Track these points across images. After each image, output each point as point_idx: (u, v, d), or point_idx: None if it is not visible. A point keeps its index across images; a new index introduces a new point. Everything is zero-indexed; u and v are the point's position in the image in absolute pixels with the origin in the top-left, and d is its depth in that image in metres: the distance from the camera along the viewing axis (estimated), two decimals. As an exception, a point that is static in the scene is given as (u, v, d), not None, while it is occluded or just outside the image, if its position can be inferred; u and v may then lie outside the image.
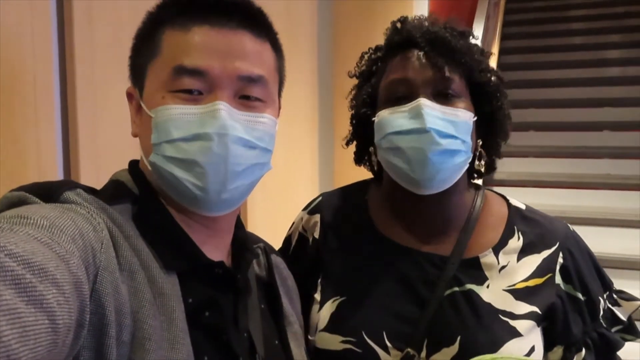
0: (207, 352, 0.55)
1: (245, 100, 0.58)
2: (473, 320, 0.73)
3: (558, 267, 0.78)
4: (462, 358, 0.70)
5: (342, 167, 0.80)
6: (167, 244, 0.56)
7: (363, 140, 0.85)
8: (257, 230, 0.77)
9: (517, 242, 0.79)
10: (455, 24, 0.81)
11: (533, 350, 0.74)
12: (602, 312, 0.79)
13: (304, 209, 0.90)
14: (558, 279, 0.78)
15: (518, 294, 0.76)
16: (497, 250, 0.78)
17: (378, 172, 0.86)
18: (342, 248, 0.82)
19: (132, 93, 0.62)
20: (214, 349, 0.56)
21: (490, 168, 0.84)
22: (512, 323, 0.74)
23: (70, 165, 0.83)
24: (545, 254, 0.78)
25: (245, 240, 0.67)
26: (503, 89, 0.80)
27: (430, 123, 0.71)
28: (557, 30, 4.63)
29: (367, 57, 0.85)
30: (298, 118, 1.66)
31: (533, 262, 0.78)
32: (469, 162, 0.78)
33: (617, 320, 0.81)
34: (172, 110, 0.55)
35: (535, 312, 0.75)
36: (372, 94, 0.81)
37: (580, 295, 0.78)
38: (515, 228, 0.80)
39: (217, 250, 0.61)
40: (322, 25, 1.79)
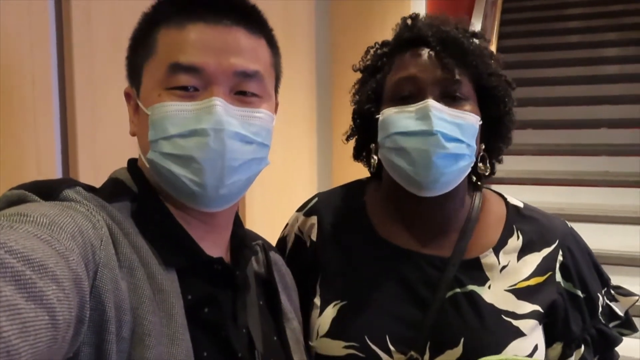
0: (206, 348, 0.55)
1: (241, 96, 0.58)
2: (476, 322, 0.73)
3: (558, 264, 0.78)
4: None
5: (340, 165, 0.80)
6: (166, 241, 0.56)
7: (364, 137, 0.83)
8: (255, 229, 0.77)
9: (516, 241, 0.79)
10: (466, 25, 0.79)
11: (536, 349, 0.74)
12: (600, 308, 0.79)
13: (299, 210, 0.88)
14: (558, 277, 0.78)
15: (520, 294, 0.75)
16: (497, 250, 0.78)
17: (377, 170, 0.85)
18: (341, 251, 0.81)
19: (129, 93, 0.62)
20: (213, 345, 0.56)
21: (490, 172, 0.83)
22: (515, 323, 0.73)
23: (69, 165, 0.83)
24: (545, 252, 0.78)
25: (244, 237, 0.67)
26: (511, 94, 0.79)
27: (438, 126, 0.70)
28: (554, 29, 4.63)
29: (372, 51, 0.83)
30: (296, 117, 1.66)
31: (533, 260, 0.78)
32: (472, 164, 0.76)
33: (614, 316, 0.81)
34: (168, 107, 0.55)
35: (538, 310, 0.75)
36: (377, 90, 0.78)
37: (580, 293, 0.78)
38: (514, 227, 0.80)
39: (215, 247, 0.62)
40: (319, 25, 1.78)
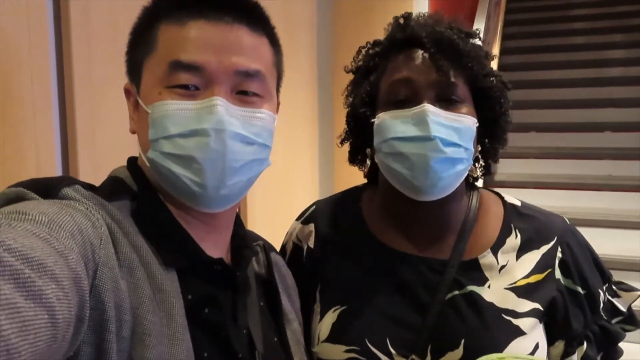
0: (206, 348, 0.55)
1: (243, 96, 0.57)
2: (476, 322, 0.73)
3: (557, 261, 0.78)
4: None
5: (342, 165, 0.80)
6: (166, 241, 0.56)
7: (359, 140, 0.82)
8: (256, 229, 0.76)
9: (514, 240, 0.79)
10: (461, 24, 0.78)
11: (537, 348, 0.74)
12: (602, 304, 0.79)
13: (298, 219, 0.88)
14: (558, 274, 0.77)
15: (519, 292, 0.75)
16: (495, 250, 0.78)
17: (373, 174, 0.84)
18: (339, 257, 0.81)
19: (129, 89, 0.61)
20: (213, 345, 0.56)
21: (486, 172, 0.82)
22: (515, 322, 0.73)
23: (69, 164, 0.83)
24: (544, 250, 0.78)
25: (245, 238, 0.67)
26: (506, 95, 0.78)
27: (435, 131, 0.69)
28: (558, 30, 4.61)
29: (364, 52, 0.82)
30: (297, 117, 1.65)
31: (532, 258, 0.77)
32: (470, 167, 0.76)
33: (617, 312, 0.80)
34: (168, 106, 0.55)
35: (537, 308, 0.75)
36: (371, 93, 0.77)
37: (580, 289, 0.78)
38: (512, 226, 0.80)
39: (216, 247, 0.61)
40: (321, 25, 1.78)
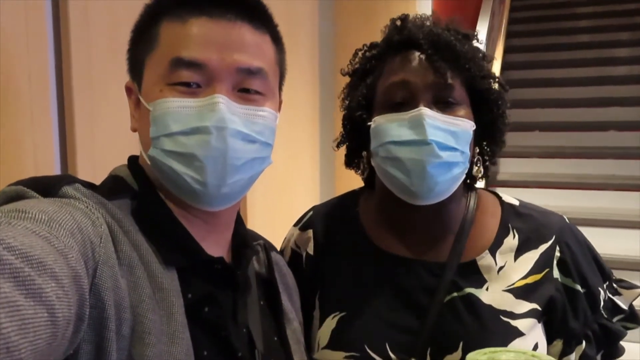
0: (206, 347, 0.55)
1: (245, 94, 0.57)
2: (474, 325, 0.73)
3: (555, 261, 0.77)
4: None
5: (342, 165, 0.80)
6: (166, 239, 0.56)
7: (355, 144, 0.81)
8: (256, 229, 0.76)
9: (512, 240, 0.78)
10: (458, 25, 0.78)
11: (537, 348, 0.74)
12: (602, 302, 0.78)
13: (295, 225, 0.88)
14: (556, 273, 0.77)
15: (518, 293, 0.75)
16: (493, 251, 0.77)
17: (370, 178, 0.83)
18: (337, 263, 0.81)
19: (130, 87, 0.61)
20: (213, 345, 0.56)
21: (484, 175, 0.82)
22: (513, 323, 0.73)
23: (68, 164, 0.83)
24: (542, 249, 0.78)
25: (246, 237, 0.67)
26: (504, 96, 0.78)
27: (432, 135, 0.69)
28: (563, 28, 4.59)
29: (361, 54, 0.81)
30: (299, 116, 1.65)
31: (530, 258, 0.77)
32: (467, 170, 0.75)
33: (618, 310, 0.80)
34: (170, 104, 0.55)
35: (536, 309, 0.75)
36: (367, 96, 0.76)
37: (579, 288, 0.77)
38: (510, 226, 0.79)
39: (217, 246, 0.61)
40: (323, 25, 1.78)
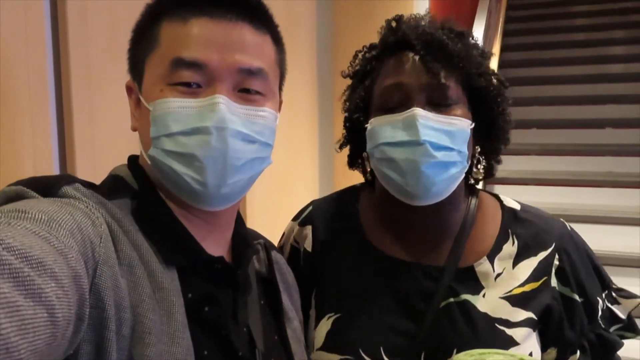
0: (206, 346, 0.54)
1: (245, 94, 0.57)
2: (469, 332, 0.72)
3: (554, 269, 0.77)
4: None
5: (342, 164, 0.80)
6: (166, 239, 0.56)
7: (356, 145, 0.81)
8: (256, 228, 0.76)
9: (511, 246, 0.77)
10: (453, 24, 0.77)
11: (531, 356, 0.73)
12: (600, 312, 0.78)
13: (295, 219, 0.87)
14: (554, 282, 0.76)
15: (514, 301, 0.74)
16: (491, 257, 0.76)
17: (371, 178, 0.83)
18: (335, 263, 0.80)
19: (131, 87, 0.61)
20: (214, 344, 0.56)
21: (489, 174, 0.81)
22: (508, 332, 0.72)
23: (67, 164, 0.83)
24: (541, 256, 0.77)
25: (246, 236, 0.67)
26: (504, 93, 0.77)
27: (425, 135, 0.68)
28: (560, 27, 4.60)
29: (361, 56, 0.81)
30: (298, 116, 1.65)
31: (529, 265, 0.76)
32: (466, 169, 0.74)
33: (616, 319, 0.79)
34: (170, 104, 0.55)
35: (531, 318, 0.74)
36: (365, 98, 0.77)
37: (577, 297, 0.76)
38: (510, 231, 0.78)
39: (217, 246, 0.61)
40: (321, 25, 1.78)
